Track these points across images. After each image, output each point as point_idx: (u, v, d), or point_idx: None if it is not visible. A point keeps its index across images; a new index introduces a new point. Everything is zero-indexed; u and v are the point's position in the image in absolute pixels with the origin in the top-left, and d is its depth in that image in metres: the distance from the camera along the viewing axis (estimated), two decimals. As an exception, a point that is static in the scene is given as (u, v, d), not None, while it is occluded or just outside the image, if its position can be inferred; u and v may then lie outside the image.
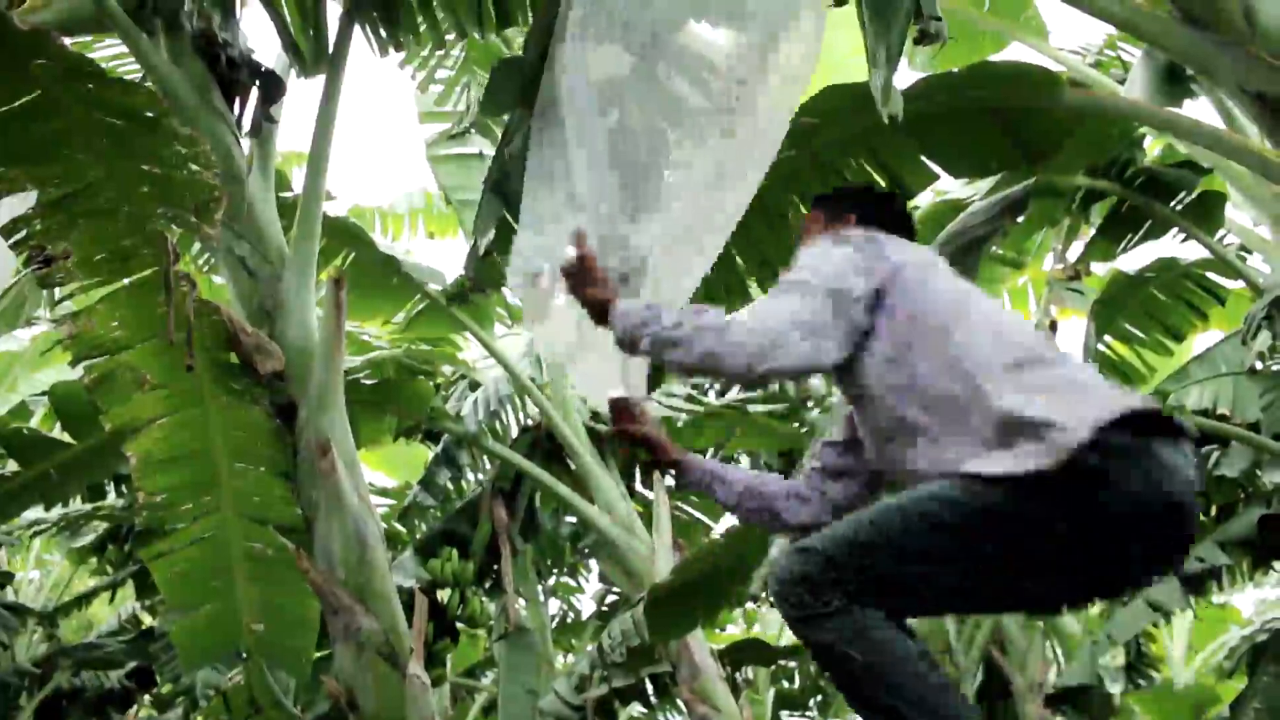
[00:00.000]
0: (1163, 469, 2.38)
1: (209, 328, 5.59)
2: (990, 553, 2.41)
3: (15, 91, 4.43)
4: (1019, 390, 2.44)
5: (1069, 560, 2.41)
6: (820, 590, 2.40)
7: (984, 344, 2.53)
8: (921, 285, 2.66)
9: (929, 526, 2.40)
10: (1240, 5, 4.31)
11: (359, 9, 6.11)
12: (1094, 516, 2.34)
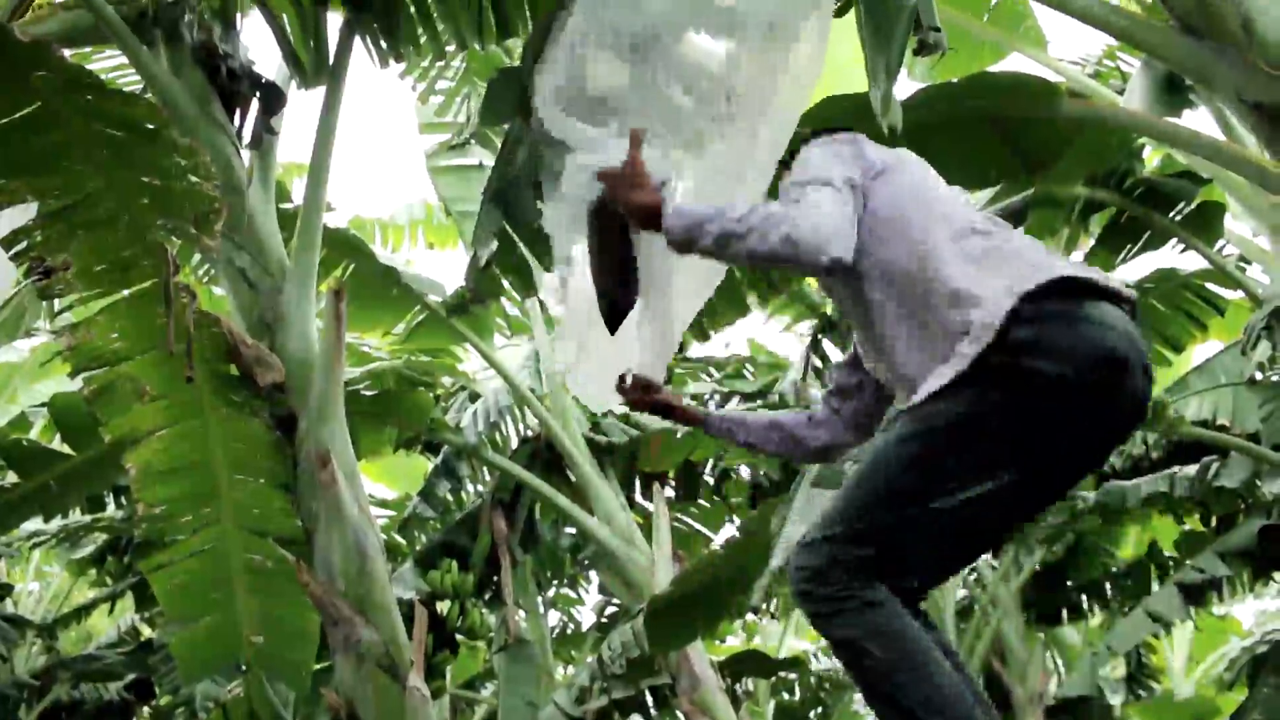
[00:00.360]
0: (1094, 324, 2.42)
1: (209, 339, 5.59)
2: (970, 463, 2.44)
3: (16, 103, 4.44)
4: (958, 260, 2.54)
5: (1041, 443, 2.45)
6: (830, 577, 2.42)
7: (936, 223, 2.61)
8: (888, 181, 2.72)
9: (905, 466, 2.44)
10: (1238, 15, 4.32)
11: (359, 20, 6.12)
12: (1040, 389, 2.39)
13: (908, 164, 2.81)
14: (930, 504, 2.43)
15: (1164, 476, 7.75)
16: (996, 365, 2.40)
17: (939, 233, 2.61)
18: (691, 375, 10.30)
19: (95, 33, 6.04)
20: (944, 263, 2.55)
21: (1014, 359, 2.40)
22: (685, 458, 9.18)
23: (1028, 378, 2.40)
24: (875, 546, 2.43)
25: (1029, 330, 2.40)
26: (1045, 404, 2.41)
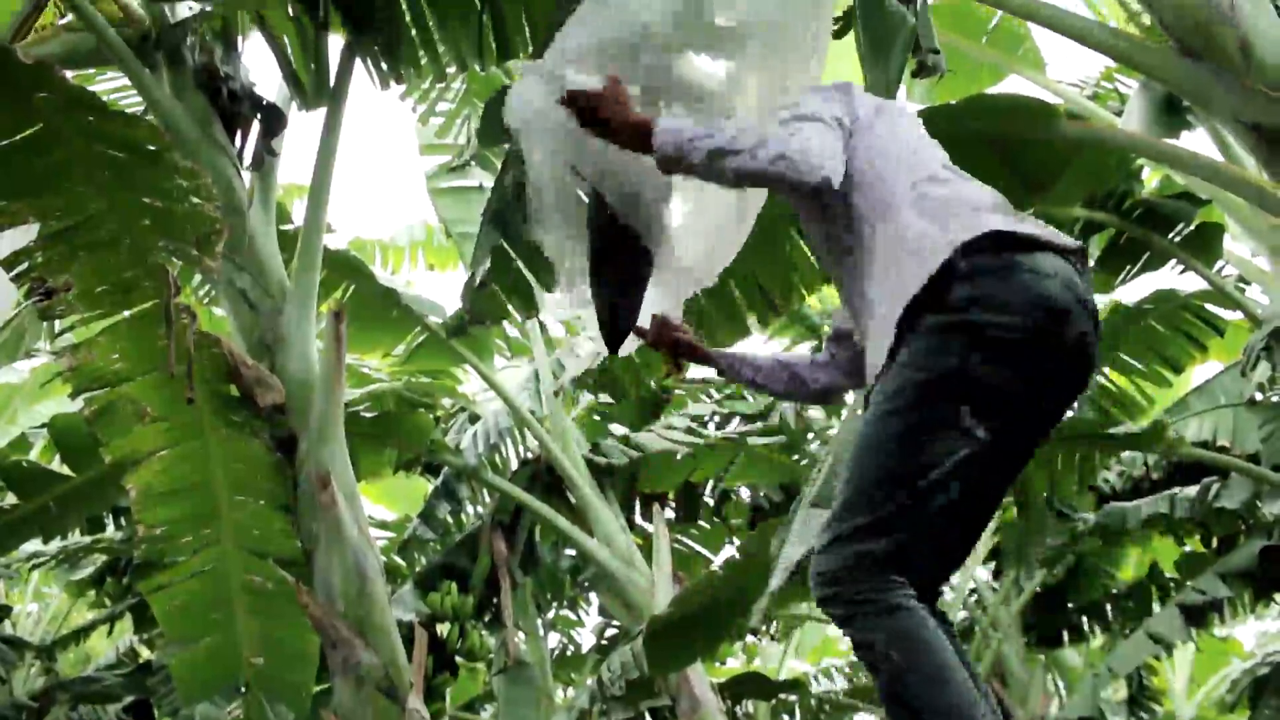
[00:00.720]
0: (1027, 274, 2.48)
1: (209, 360, 5.60)
2: (949, 425, 2.48)
3: (18, 124, 4.46)
4: (913, 210, 2.61)
5: (1005, 396, 2.51)
6: (851, 578, 2.44)
7: (901, 172, 2.69)
8: (869, 131, 2.79)
9: (892, 444, 2.49)
10: (1236, 38, 4.34)
11: (360, 42, 6.14)
12: (991, 342, 2.46)
13: (886, 113, 2.87)
14: (928, 476, 2.46)
15: (1164, 498, 7.74)
16: (946, 325, 2.47)
17: (902, 181, 2.68)
18: (691, 396, 10.30)
19: (97, 55, 6.06)
20: (900, 211, 2.63)
21: (962, 316, 2.47)
22: (685, 479, 9.18)
23: (978, 332, 2.46)
24: (887, 536, 2.44)
25: (967, 287, 2.48)
26: (999, 356, 2.47)
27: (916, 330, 2.52)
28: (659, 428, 9.10)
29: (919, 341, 2.51)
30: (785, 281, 6.27)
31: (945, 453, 2.46)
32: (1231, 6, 4.34)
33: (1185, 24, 4.40)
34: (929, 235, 2.55)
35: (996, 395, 2.49)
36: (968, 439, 2.48)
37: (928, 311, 2.51)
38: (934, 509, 2.47)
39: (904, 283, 2.56)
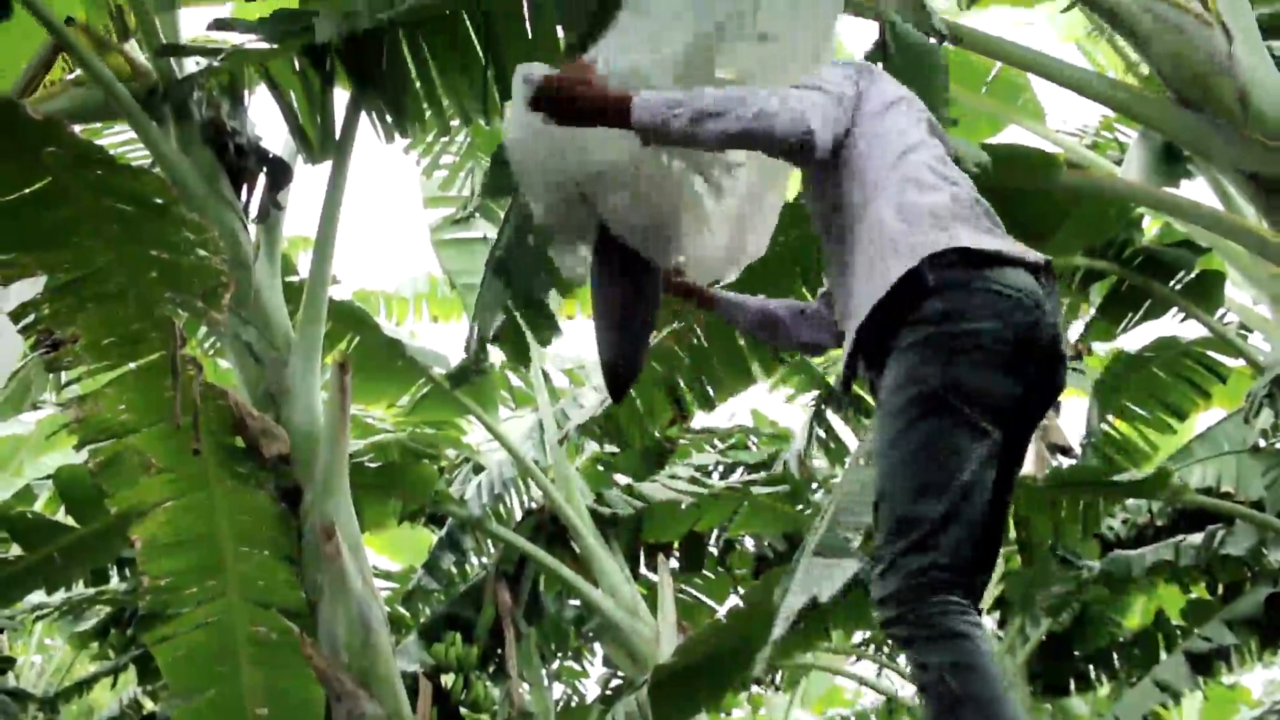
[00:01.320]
0: (997, 289, 2.59)
1: (215, 412, 5.61)
2: (964, 429, 2.56)
3: (28, 178, 4.50)
4: (894, 208, 2.69)
5: (1000, 394, 2.61)
6: (911, 598, 2.49)
7: (891, 167, 2.76)
8: (877, 117, 2.85)
9: (918, 459, 2.55)
10: (1234, 88, 4.38)
11: (365, 97, 6.20)
12: (972, 348, 2.56)
13: (899, 107, 2.92)
14: (960, 478, 2.53)
15: (1169, 545, 7.73)
16: (925, 339, 2.57)
17: (892, 179, 2.74)
18: (695, 446, 10.30)
19: (105, 109, 6.11)
20: (882, 209, 2.71)
21: (938, 328, 2.57)
22: (689, 529, 9.16)
23: (956, 342, 2.56)
24: (937, 548, 2.50)
25: (938, 301, 2.58)
26: (983, 361, 2.56)
27: (899, 348, 2.61)
28: (663, 477, 9.10)
29: (905, 359, 2.60)
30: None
31: (968, 453, 2.54)
32: (1229, 57, 4.40)
33: (1183, 75, 4.46)
34: (902, 241, 2.64)
35: (989, 397, 2.58)
36: (983, 437, 2.57)
37: (903, 326, 2.61)
38: (975, 509, 2.55)
39: (873, 290, 2.65)
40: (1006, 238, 2.72)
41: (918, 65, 3.85)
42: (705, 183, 3.20)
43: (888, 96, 2.91)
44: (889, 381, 2.61)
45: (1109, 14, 4.53)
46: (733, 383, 6.97)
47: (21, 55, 6.04)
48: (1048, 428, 9.26)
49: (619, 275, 3.17)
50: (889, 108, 2.89)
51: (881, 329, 2.66)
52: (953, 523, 2.50)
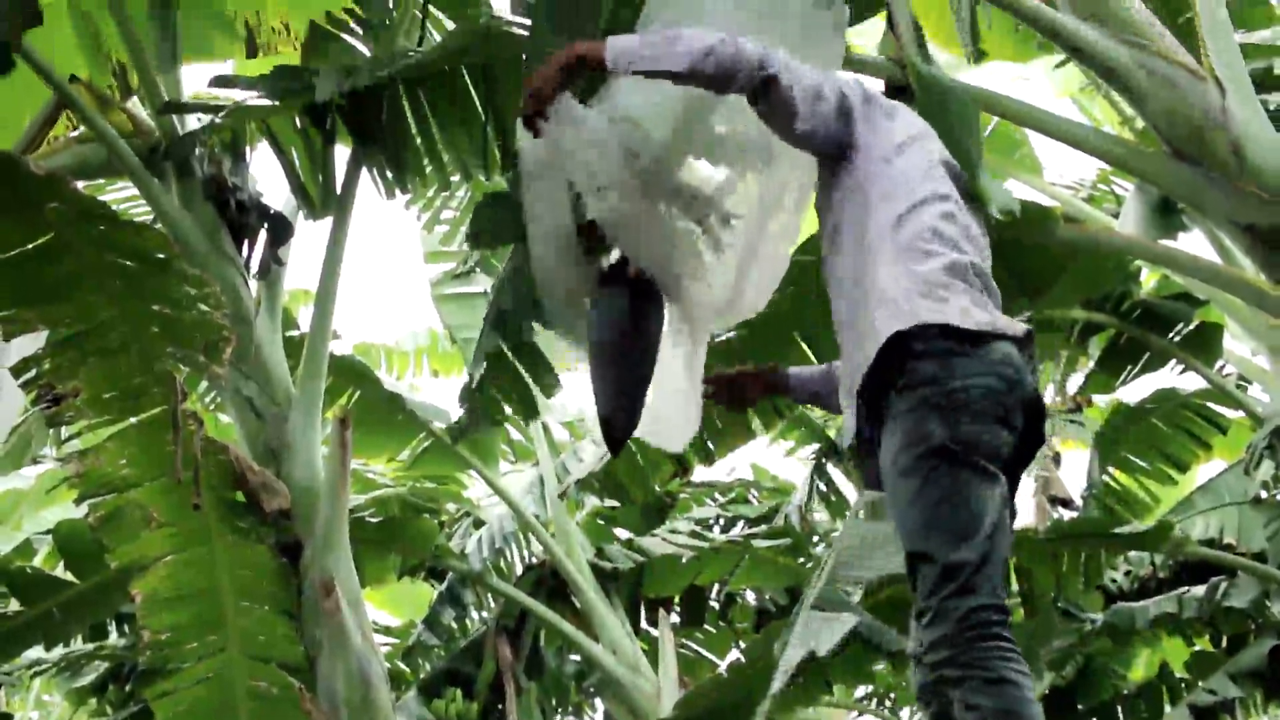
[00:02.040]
0: (981, 358, 2.69)
1: (215, 466, 5.62)
2: (979, 476, 2.66)
3: (30, 234, 4.52)
4: (892, 266, 2.78)
5: (1001, 441, 2.72)
6: (960, 640, 2.57)
7: (888, 224, 2.82)
8: (886, 163, 2.91)
9: (946, 507, 2.64)
10: (1228, 141, 4.41)
11: (366, 153, 6.24)
12: (963, 405, 2.66)
13: (912, 147, 2.97)
14: (987, 520, 2.63)
15: (1171, 598, 7.70)
16: (921, 401, 2.67)
17: (890, 242, 2.81)
18: (696, 500, 10.28)
19: (108, 166, 6.16)
20: (879, 266, 2.80)
21: (932, 388, 2.67)
22: (690, 583, 9.13)
23: (950, 398, 2.66)
24: (977, 590, 2.59)
25: (929, 364, 2.68)
26: (977, 415, 2.66)
27: (895, 413, 2.71)
28: (664, 531, 9.07)
29: (905, 421, 2.69)
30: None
31: (987, 498, 2.65)
32: (1223, 111, 4.42)
33: (1178, 129, 4.48)
34: (895, 308, 2.73)
35: (990, 447, 2.68)
36: (995, 481, 2.68)
37: (895, 391, 2.71)
38: (1003, 549, 2.67)
39: (866, 354, 2.75)
40: (994, 311, 2.81)
41: (946, 109, 3.82)
42: (703, 234, 3.22)
43: (896, 137, 2.95)
44: (893, 445, 2.71)
45: (1103, 69, 4.56)
46: (733, 436, 6.97)
47: (25, 112, 6.09)
48: (1048, 480, 9.26)
49: (616, 327, 3.18)
50: (899, 151, 2.93)
51: (874, 393, 2.77)
52: (989, 564, 2.61)
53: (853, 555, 5.81)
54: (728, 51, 2.81)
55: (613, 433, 3.23)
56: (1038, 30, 4.79)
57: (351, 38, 6.19)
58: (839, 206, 2.95)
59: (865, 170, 2.91)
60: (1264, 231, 4.49)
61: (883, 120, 2.97)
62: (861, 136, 2.93)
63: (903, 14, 4.44)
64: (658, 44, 2.87)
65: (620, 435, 3.24)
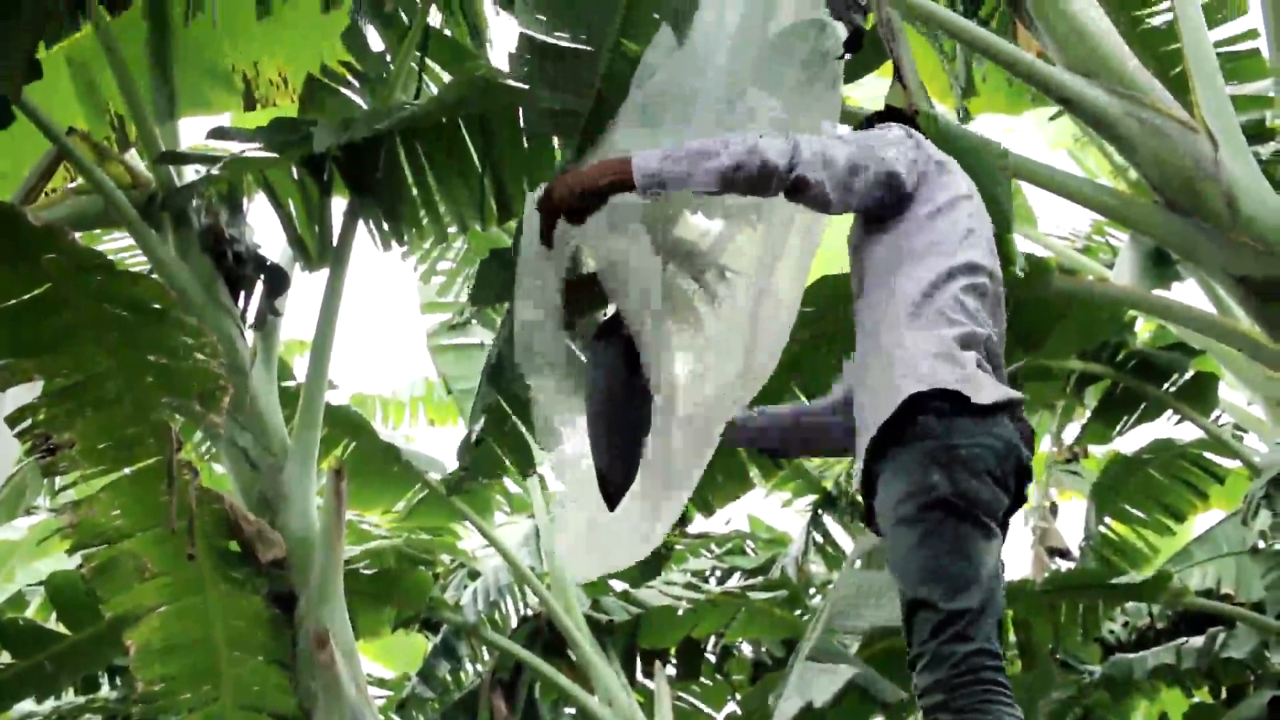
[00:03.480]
0: (985, 427, 2.75)
1: (210, 516, 5.60)
2: (981, 525, 2.72)
3: (27, 285, 4.52)
4: (917, 334, 2.82)
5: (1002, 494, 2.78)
6: (957, 685, 2.59)
7: (922, 288, 2.87)
8: (930, 221, 2.95)
9: (949, 557, 2.68)
10: (1221, 193, 4.44)
11: (363, 205, 6.25)
12: (967, 461, 2.71)
13: (953, 209, 2.99)
14: (986, 570, 2.69)
15: (1170, 648, 7.67)
16: (929, 452, 2.72)
17: (924, 307, 2.86)
18: (692, 551, 10.25)
19: (105, 216, 6.18)
20: (903, 328, 2.84)
21: (940, 442, 2.72)
22: (686, 635, 9.09)
23: (956, 452, 2.71)
24: (973, 638, 2.62)
25: (941, 422, 2.74)
26: (979, 471, 2.72)
27: (895, 460, 2.77)
28: (660, 583, 9.04)
29: (908, 471, 2.74)
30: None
31: (986, 550, 2.71)
32: (1215, 163, 4.46)
33: (1171, 180, 4.51)
34: (915, 366, 2.78)
35: (990, 505, 2.74)
36: (994, 536, 2.74)
37: (897, 443, 2.76)
38: (1000, 600, 2.71)
39: (880, 407, 2.79)
40: (1001, 385, 2.88)
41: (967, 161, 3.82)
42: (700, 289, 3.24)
43: (940, 196, 2.99)
44: (895, 493, 2.75)
45: (1095, 121, 4.60)
46: (730, 487, 6.95)
47: (24, 163, 6.11)
48: (1046, 531, 9.25)
49: (612, 378, 3.18)
50: (941, 211, 2.97)
51: (879, 444, 2.81)
52: (987, 612, 2.65)
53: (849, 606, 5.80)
54: (755, 163, 2.83)
55: (609, 486, 3.23)
56: (1032, 84, 4.84)
57: (348, 90, 6.21)
58: (871, 253, 2.99)
59: (903, 225, 2.96)
60: (1257, 283, 4.52)
61: (933, 176, 3.01)
62: (910, 194, 2.97)
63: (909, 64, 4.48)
64: (685, 160, 2.87)
65: (617, 488, 3.23)
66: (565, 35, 3.88)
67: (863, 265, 3.02)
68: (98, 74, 6.16)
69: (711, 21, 3.32)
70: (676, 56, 3.32)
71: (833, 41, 3.28)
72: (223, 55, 6.27)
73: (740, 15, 3.32)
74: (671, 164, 2.86)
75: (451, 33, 6.06)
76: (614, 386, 3.20)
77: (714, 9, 3.34)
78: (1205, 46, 4.88)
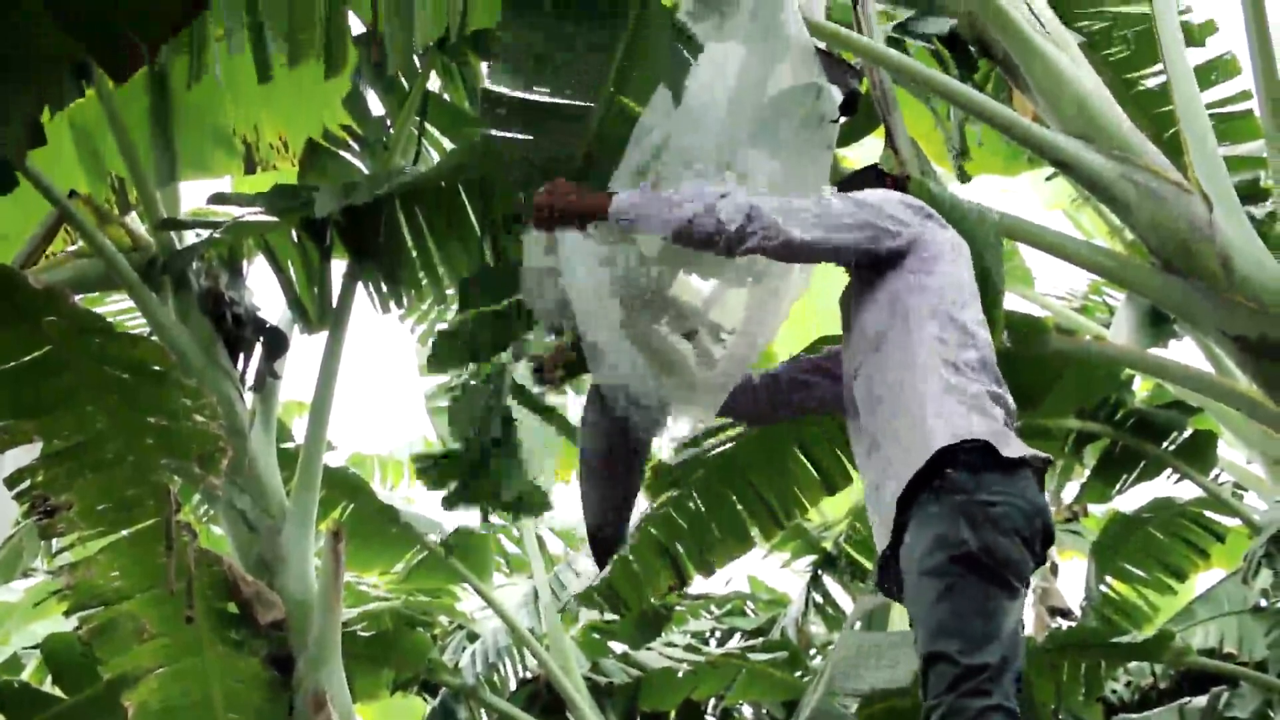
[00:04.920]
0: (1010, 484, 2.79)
1: (209, 578, 5.58)
2: (1006, 581, 2.76)
3: (27, 347, 4.54)
4: (937, 388, 2.88)
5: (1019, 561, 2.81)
6: None
7: (925, 344, 2.94)
8: (928, 275, 3.02)
9: (974, 612, 2.71)
10: (1216, 254, 4.46)
11: (362, 268, 6.28)
12: (995, 519, 2.75)
13: (959, 252, 3.10)
14: (1008, 627, 2.72)
15: (1173, 709, 7.63)
16: (957, 506, 2.76)
17: (934, 361, 2.93)
18: (692, 612, 10.21)
19: (105, 279, 6.20)
20: (918, 377, 2.91)
21: (969, 497, 2.76)
22: (687, 697, 9.03)
23: (984, 509, 2.76)
24: (995, 693, 2.66)
25: (966, 475, 2.78)
26: (1005, 529, 2.76)
27: (924, 512, 2.80)
28: (660, 645, 8.99)
29: (935, 524, 2.78)
30: (787, 495, 6.33)
31: (1009, 607, 2.74)
32: (1210, 224, 4.48)
33: (1166, 241, 4.54)
34: (944, 420, 2.83)
35: (1015, 564, 2.78)
36: (1017, 594, 2.78)
37: (925, 491, 2.80)
38: (1020, 656, 2.75)
39: (910, 459, 2.84)
40: (1013, 440, 2.91)
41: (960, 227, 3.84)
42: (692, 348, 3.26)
43: (936, 256, 3.07)
44: (921, 545, 2.79)
45: (1091, 183, 4.63)
46: (730, 547, 6.93)
47: (26, 226, 6.14)
48: (1047, 590, 9.22)
49: (604, 441, 3.20)
50: (943, 265, 3.05)
51: (909, 493, 2.86)
52: (1008, 668, 2.69)
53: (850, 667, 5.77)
54: (708, 224, 2.93)
55: (599, 545, 3.24)
56: (1028, 147, 4.87)
57: (349, 154, 6.26)
58: (876, 312, 3.04)
59: (906, 281, 3.02)
60: (1253, 342, 4.53)
61: (927, 232, 3.08)
62: (901, 250, 3.05)
63: (902, 131, 4.53)
64: (653, 204, 3.01)
65: (607, 548, 3.25)
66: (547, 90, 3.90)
67: (867, 326, 3.04)
68: (99, 138, 6.20)
69: (708, 83, 3.36)
70: (674, 116, 3.36)
71: (829, 105, 3.32)
72: (224, 119, 6.32)
73: (737, 78, 3.36)
74: (641, 205, 2.99)
75: (450, 97, 6.12)
76: (604, 448, 3.21)
77: (711, 70, 3.39)
78: (1198, 108, 4.92)
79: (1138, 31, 5.64)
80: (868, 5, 4.86)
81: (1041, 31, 4.78)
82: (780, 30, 3.37)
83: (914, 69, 4.66)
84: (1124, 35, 5.70)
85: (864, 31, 4.73)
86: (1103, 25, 5.65)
